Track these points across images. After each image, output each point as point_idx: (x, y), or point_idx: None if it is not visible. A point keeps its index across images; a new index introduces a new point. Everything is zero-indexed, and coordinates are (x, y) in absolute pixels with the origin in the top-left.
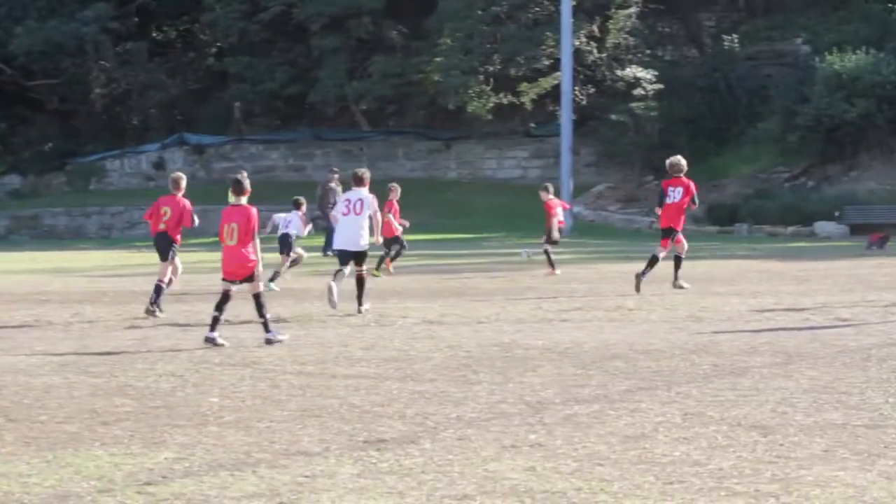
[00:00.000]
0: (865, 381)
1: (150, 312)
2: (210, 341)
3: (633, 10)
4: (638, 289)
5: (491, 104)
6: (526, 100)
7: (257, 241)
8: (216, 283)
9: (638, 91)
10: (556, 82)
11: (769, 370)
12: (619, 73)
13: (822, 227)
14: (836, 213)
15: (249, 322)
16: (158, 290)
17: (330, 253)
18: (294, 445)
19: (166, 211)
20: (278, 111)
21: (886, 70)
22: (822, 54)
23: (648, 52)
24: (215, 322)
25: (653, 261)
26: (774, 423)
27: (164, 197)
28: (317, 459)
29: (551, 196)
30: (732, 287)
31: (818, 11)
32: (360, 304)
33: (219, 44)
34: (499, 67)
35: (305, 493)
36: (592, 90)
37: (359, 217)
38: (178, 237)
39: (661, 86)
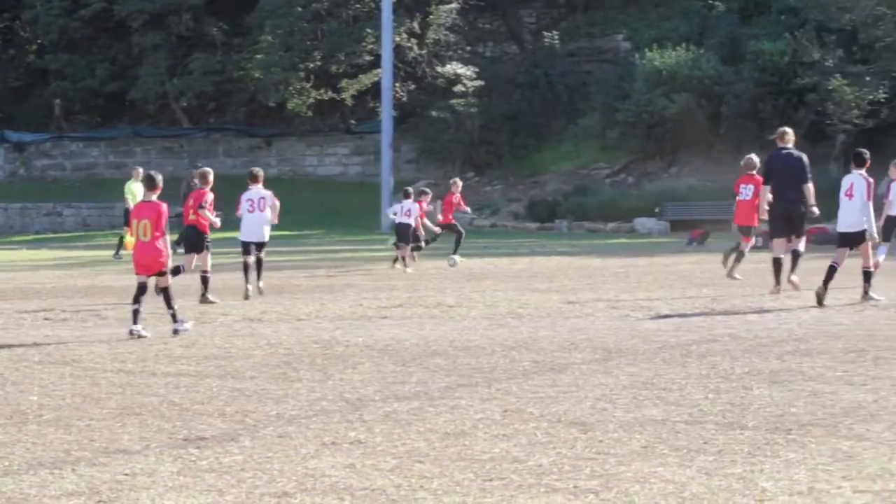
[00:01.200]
0: (685, 377)
1: (205, 301)
2: (133, 333)
3: (453, 6)
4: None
5: (311, 101)
6: (346, 96)
7: (167, 236)
8: (36, 280)
9: (458, 88)
10: (376, 79)
11: (589, 366)
12: (439, 69)
13: (642, 223)
14: (657, 210)
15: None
16: (205, 280)
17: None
18: (114, 444)
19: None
20: (99, 108)
21: (706, 66)
22: (642, 50)
23: (469, 48)
24: (136, 315)
25: (739, 256)
26: (594, 419)
27: (195, 191)
28: (136, 457)
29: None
30: (553, 284)
31: (638, 8)
32: (258, 282)
33: (39, 41)
34: (319, 64)
35: (125, 492)
36: (413, 87)
37: (263, 213)
38: (206, 227)
39: (481, 82)
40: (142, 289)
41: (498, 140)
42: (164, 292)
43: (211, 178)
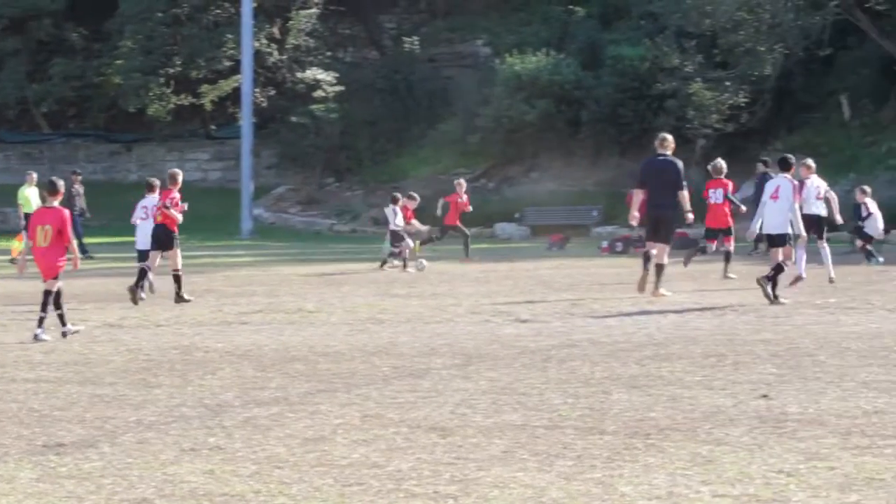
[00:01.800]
0: (545, 381)
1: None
2: (64, 334)
3: (313, 11)
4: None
5: (171, 106)
6: (206, 102)
7: (74, 242)
8: None
9: (318, 93)
10: (236, 84)
11: (449, 372)
12: (299, 74)
13: (502, 228)
14: (517, 215)
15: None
16: (177, 278)
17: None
18: None
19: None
20: None
21: (566, 71)
22: (502, 56)
23: (329, 53)
24: (61, 318)
25: (727, 256)
26: (454, 424)
27: (164, 191)
28: None
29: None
30: (413, 289)
31: (499, 13)
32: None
33: None
34: (179, 69)
35: None
36: (273, 92)
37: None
38: (175, 227)
39: (341, 88)
40: (57, 293)
41: (358, 145)
42: (55, 296)
43: (180, 178)
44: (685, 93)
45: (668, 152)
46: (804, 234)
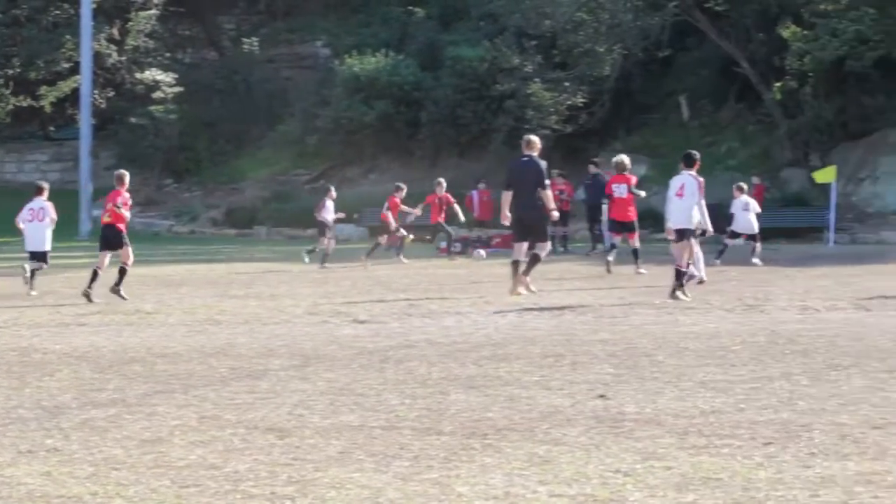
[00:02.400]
0: (382, 382)
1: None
2: None
3: (153, 12)
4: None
5: (10, 107)
6: (45, 103)
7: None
8: None
9: (157, 94)
10: (75, 85)
11: (286, 373)
12: (138, 76)
13: (341, 229)
14: (356, 216)
15: None
16: (123, 272)
17: None
18: None
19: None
20: None
21: (405, 72)
22: (341, 57)
23: (168, 54)
24: None
25: (635, 253)
26: (291, 425)
27: (112, 192)
28: None
29: None
30: (251, 290)
31: (338, 14)
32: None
33: None
34: (18, 71)
35: None
36: (112, 93)
37: (42, 224)
38: (122, 227)
39: (180, 89)
40: None
41: (197, 146)
42: None
43: (127, 179)
44: (524, 93)
45: (534, 153)
46: (710, 228)
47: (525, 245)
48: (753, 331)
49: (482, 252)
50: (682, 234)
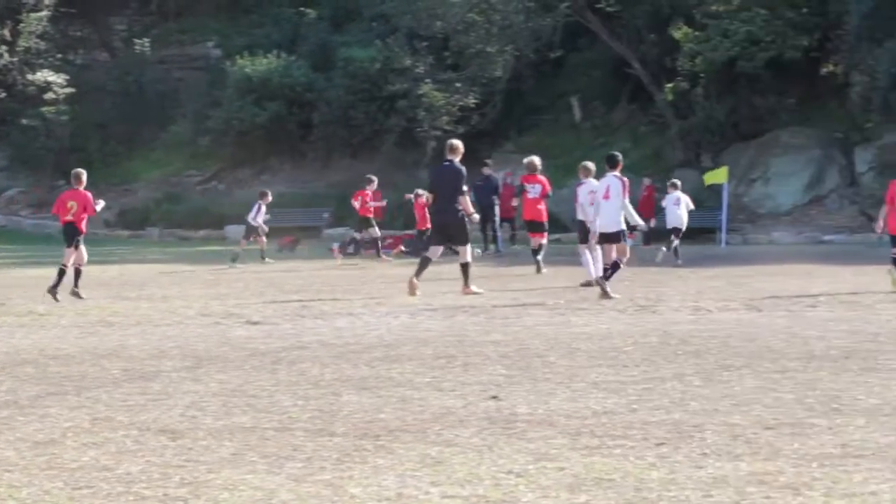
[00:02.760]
0: (275, 384)
1: (52, 294)
2: None
3: (44, 13)
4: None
5: None
6: None
7: None
8: None
9: (49, 95)
10: None
11: (179, 374)
12: (30, 77)
13: (232, 230)
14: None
15: None
16: (62, 273)
17: None
18: None
19: (73, 205)
20: None
21: (297, 73)
22: (233, 58)
23: (60, 56)
24: None
25: (535, 251)
26: (184, 427)
27: (68, 191)
28: None
29: None
30: (143, 291)
31: (229, 15)
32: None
33: None
34: None
35: None
36: (3, 95)
37: None
38: (84, 226)
39: (72, 90)
40: None
41: (89, 147)
42: None
43: (84, 178)
44: (416, 94)
45: (456, 158)
46: (641, 223)
47: (441, 248)
48: (646, 331)
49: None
50: (618, 237)
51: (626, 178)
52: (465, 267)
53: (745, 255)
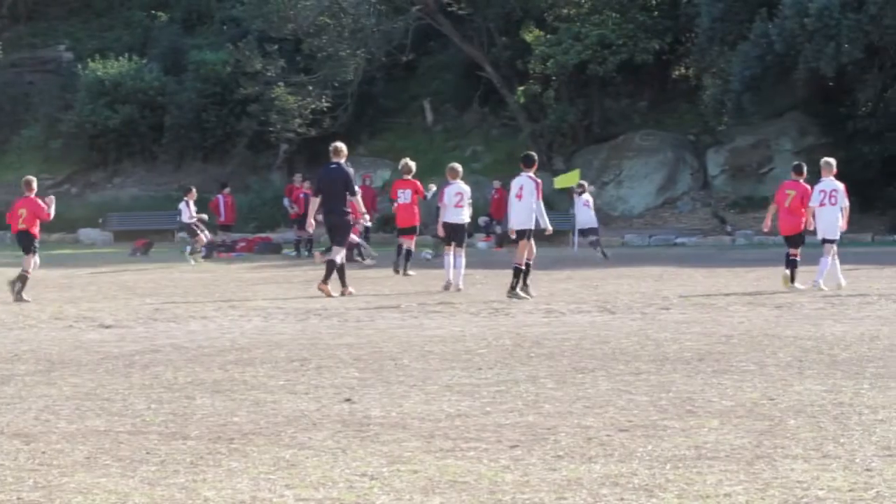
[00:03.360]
0: (129, 387)
1: (18, 297)
2: None
3: None
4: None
5: None
6: None
7: None
8: None
9: None
10: None
11: (32, 378)
12: None
13: (86, 233)
14: (100, 220)
15: None
16: (24, 279)
17: None
18: None
19: (23, 213)
20: None
21: (149, 77)
22: (85, 61)
23: None
24: None
25: (407, 254)
26: (37, 430)
27: (20, 200)
28: None
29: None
30: None
31: (81, 18)
32: None
33: None
34: None
35: None
36: None
37: None
38: (37, 232)
39: None
40: None
41: None
42: None
43: (34, 185)
44: (268, 97)
45: (341, 160)
46: (549, 227)
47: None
48: (499, 334)
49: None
50: (522, 234)
51: (539, 179)
52: (331, 264)
53: (598, 258)
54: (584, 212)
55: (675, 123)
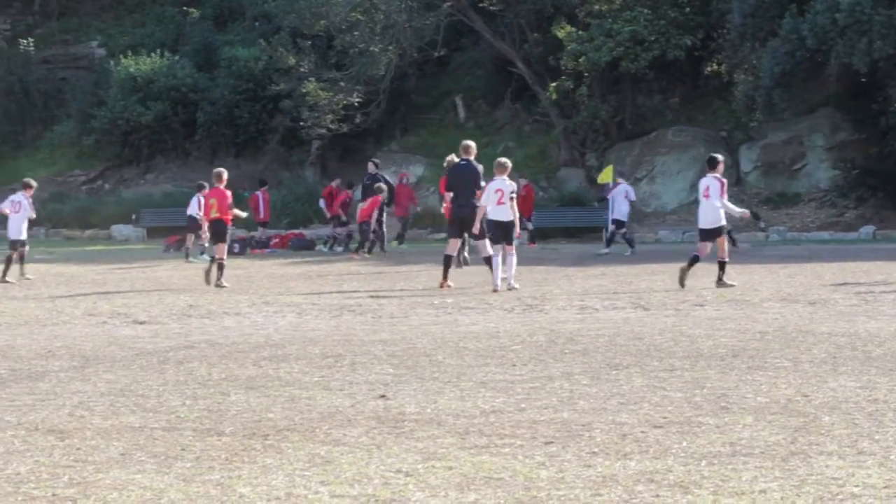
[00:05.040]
0: (163, 383)
1: (218, 283)
2: None
3: None
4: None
5: None
6: None
7: None
8: None
9: None
10: None
11: (67, 374)
12: None
13: (119, 230)
14: (133, 216)
15: None
16: (221, 266)
17: None
18: None
19: (213, 202)
20: None
21: (181, 73)
22: (117, 57)
23: None
24: None
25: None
26: (72, 426)
27: (211, 190)
28: None
29: None
30: (30, 291)
31: (113, 14)
32: None
33: None
34: None
35: None
36: None
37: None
38: (229, 219)
39: None
40: None
41: None
42: None
43: (225, 176)
44: (300, 93)
45: (471, 157)
46: (746, 212)
47: (460, 240)
48: (533, 330)
49: None
50: (718, 232)
51: (724, 179)
52: (448, 260)
53: (632, 254)
54: (623, 203)
55: (707, 119)
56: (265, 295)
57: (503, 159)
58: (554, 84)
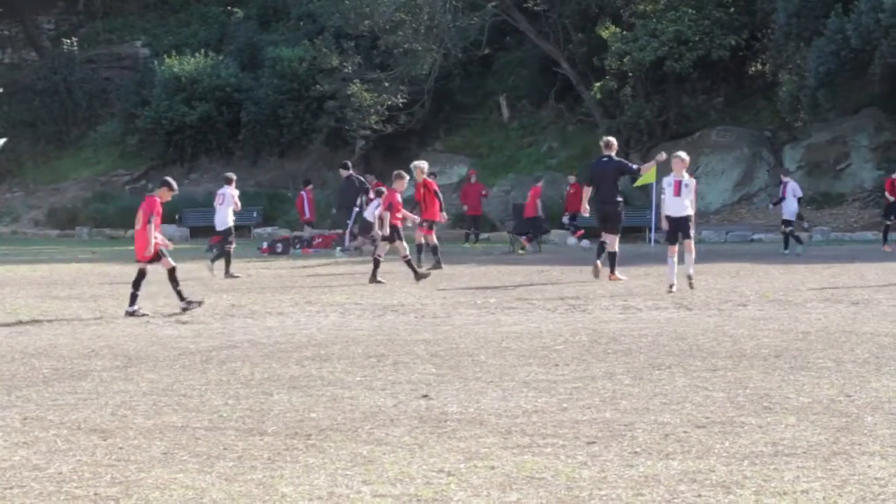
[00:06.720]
0: (205, 383)
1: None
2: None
3: None
4: None
5: None
6: None
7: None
8: None
9: None
10: None
11: (109, 373)
12: None
13: (162, 229)
14: (177, 216)
15: None
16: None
17: None
18: None
19: None
20: None
21: (225, 73)
22: (161, 57)
23: None
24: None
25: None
26: (114, 426)
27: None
28: None
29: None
30: (73, 291)
31: (157, 14)
32: None
33: None
34: None
35: None
36: None
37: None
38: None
39: (0, 89)
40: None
41: (18, 147)
42: None
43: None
44: (344, 94)
45: (612, 153)
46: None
47: (618, 235)
48: (576, 330)
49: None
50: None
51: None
52: (612, 256)
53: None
54: (794, 202)
55: (751, 120)
56: (308, 294)
57: (682, 153)
58: (598, 84)
